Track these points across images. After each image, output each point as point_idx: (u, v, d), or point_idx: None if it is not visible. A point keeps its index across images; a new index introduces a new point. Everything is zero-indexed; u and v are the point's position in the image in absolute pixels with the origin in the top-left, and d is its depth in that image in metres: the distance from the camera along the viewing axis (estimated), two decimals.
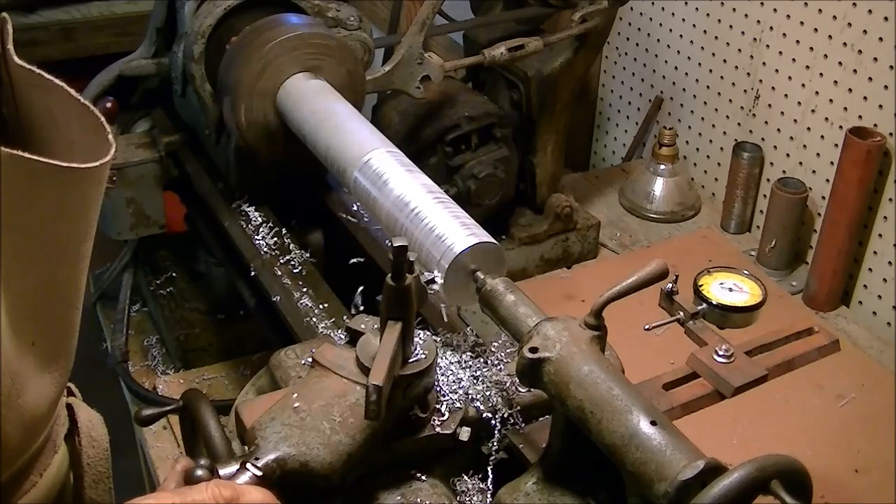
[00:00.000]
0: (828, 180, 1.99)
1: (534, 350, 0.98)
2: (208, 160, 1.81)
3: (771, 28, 2.09)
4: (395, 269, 0.96)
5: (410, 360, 1.02)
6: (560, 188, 2.11)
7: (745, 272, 1.21)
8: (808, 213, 2.08)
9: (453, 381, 1.11)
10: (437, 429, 1.06)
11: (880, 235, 1.94)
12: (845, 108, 1.96)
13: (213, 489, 0.84)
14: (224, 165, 1.74)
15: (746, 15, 2.15)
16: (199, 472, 0.89)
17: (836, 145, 1.95)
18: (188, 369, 1.87)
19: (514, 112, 1.98)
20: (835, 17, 1.93)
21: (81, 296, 0.89)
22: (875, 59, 1.87)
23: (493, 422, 1.09)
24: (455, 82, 1.97)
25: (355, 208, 1.62)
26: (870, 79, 1.89)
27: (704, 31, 2.27)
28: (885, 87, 1.86)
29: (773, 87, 2.13)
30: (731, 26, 2.20)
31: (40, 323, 0.83)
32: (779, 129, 2.14)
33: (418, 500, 1.03)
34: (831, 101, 1.99)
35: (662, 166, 2.28)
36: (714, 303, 1.16)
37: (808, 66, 2.02)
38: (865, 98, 1.91)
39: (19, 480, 0.88)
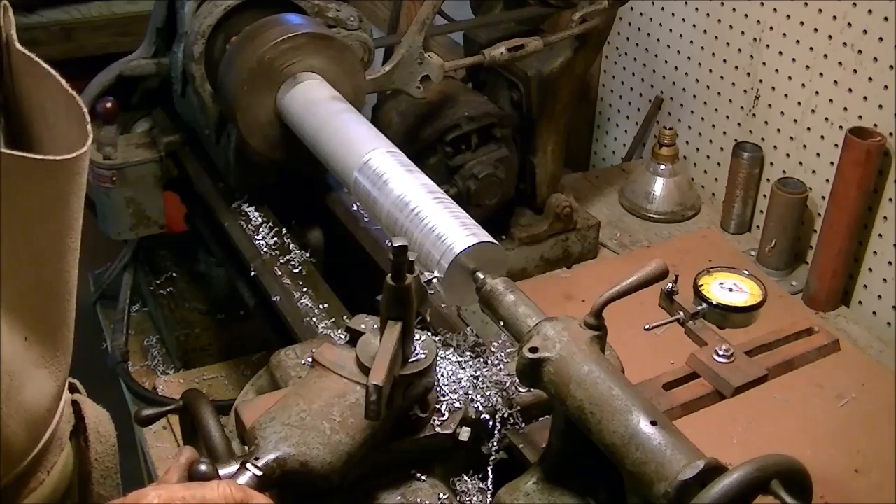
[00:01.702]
0: (828, 180, 1.99)
1: (534, 350, 0.98)
2: (208, 160, 1.81)
3: (771, 28, 2.09)
4: (395, 269, 0.96)
5: (410, 360, 1.02)
6: (560, 188, 2.11)
7: (745, 272, 1.21)
8: (808, 213, 2.08)
9: (453, 381, 1.11)
10: (437, 429, 1.06)
11: (880, 235, 1.94)
12: (845, 108, 1.96)
13: (224, 488, 0.84)
14: (224, 165, 1.74)
15: (746, 15, 2.14)
16: (204, 468, 0.89)
17: (836, 145, 1.95)
18: (188, 369, 1.87)
19: (514, 112, 1.98)
20: (835, 17, 1.93)
21: (73, 289, 0.88)
22: (875, 59, 1.87)
23: (492, 422, 1.09)
24: (455, 82, 1.97)
25: (355, 208, 1.62)
26: (870, 79, 1.89)
27: (704, 31, 2.27)
28: (885, 87, 1.86)
29: (773, 87, 2.13)
30: (731, 26, 2.20)
31: (31, 318, 0.83)
32: (779, 129, 2.14)
33: (418, 500, 1.03)
34: (831, 101, 1.99)
35: (662, 166, 2.28)
36: (714, 303, 1.16)
37: (808, 66, 2.02)
38: (865, 98, 1.91)
39: (26, 478, 0.88)
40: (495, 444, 1.09)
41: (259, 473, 0.92)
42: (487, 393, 1.11)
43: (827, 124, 2.01)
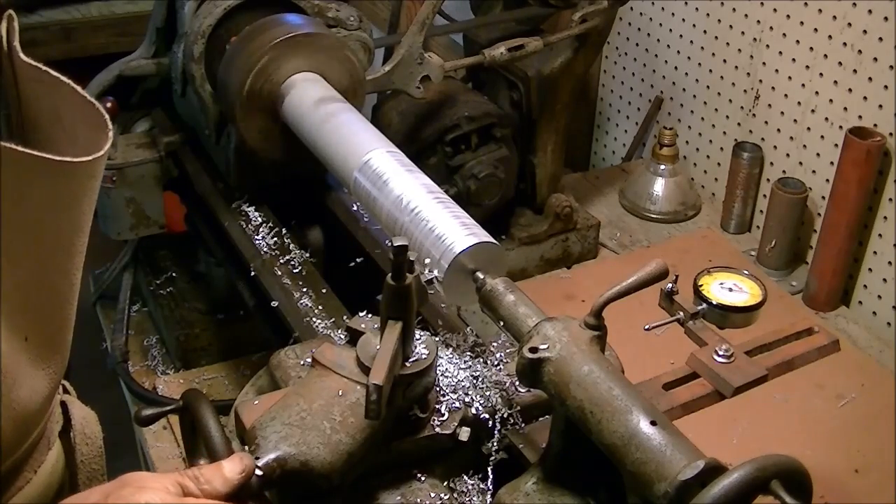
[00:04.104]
0: (828, 180, 1.99)
1: (534, 350, 0.98)
2: (208, 160, 1.81)
3: (771, 28, 2.09)
4: (395, 269, 0.96)
5: (410, 360, 1.02)
6: (560, 188, 2.11)
7: (745, 272, 1.21)
8: (808, 213, 2.08)
9: (453, 381, 1.11)
10: (437, 429, 1.06)
11: (880, 235, 1.94)
12: (845, 108, 1.96)
13: None
14: (224, 165, 1.74)
15: (746, 15, 2.15)
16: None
17: (836, 145, 1.95)
18: (188, 369, 1.87)
19: (514, 112, 1.98)
20: (835, 17, 1.93)
21: (76, 291, 0.88)
22: (875, 59, 1.87)
23: (492, 422, 1.09)
24: (455, 82, 1.97)
25: (355, 208, 1.62)
26: (870, 79, 1.89)
27: (704, 31, 2.27)
28: (885, 87, 1.86)
29: (773, 87, 2.13)
30: (731, 26, 2.20)
31: (33, 318, 0.83)
32: (779, 129, 2.14)
33: (418, 500, 1.02)
34: (831, 101, 1.99)
35: (663, 166, 2.28)
36: (714, 303, 1.16)
37: (808, 66, 2.02)
38: (865, 98, 1.91)
39: (14, 476, 0.88)
40: (495, 444, 1.09)
41: (259, 473, 0.92)
42: (487, 393, 1.11)
43: (827, 124, 2.01)
